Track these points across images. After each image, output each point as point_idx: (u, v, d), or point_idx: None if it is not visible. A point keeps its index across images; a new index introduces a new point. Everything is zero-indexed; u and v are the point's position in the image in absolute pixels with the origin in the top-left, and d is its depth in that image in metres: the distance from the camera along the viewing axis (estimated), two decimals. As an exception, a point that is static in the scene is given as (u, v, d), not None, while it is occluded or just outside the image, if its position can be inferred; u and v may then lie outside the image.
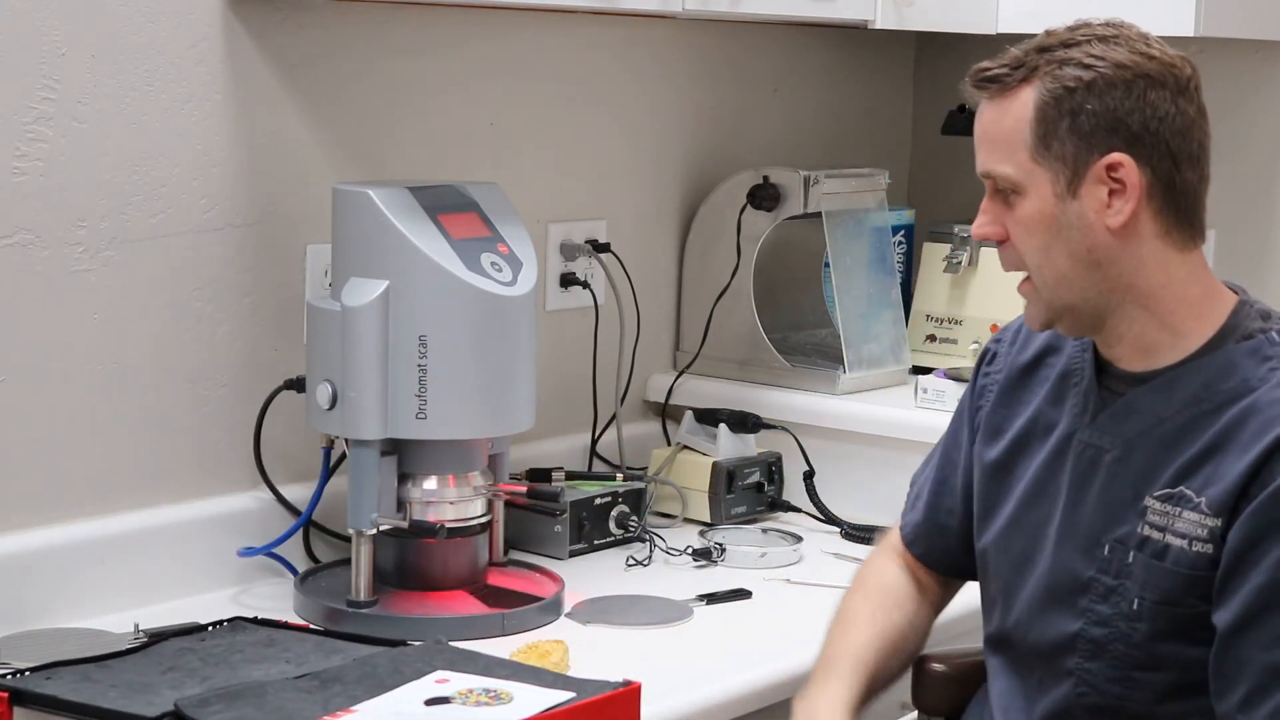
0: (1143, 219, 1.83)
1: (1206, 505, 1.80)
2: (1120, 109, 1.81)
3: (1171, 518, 1.83)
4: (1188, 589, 1.82)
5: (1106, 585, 1.87)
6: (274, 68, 2.39)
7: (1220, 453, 1.81)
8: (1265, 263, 3.16)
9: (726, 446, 2.77)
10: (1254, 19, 2.97)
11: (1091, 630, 1.88)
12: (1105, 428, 1.90)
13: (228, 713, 1.76)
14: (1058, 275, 1.86)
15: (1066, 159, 1.82)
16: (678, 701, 2.01)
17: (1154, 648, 1.85)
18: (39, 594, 2.15)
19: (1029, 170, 1.84)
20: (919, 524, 2.15)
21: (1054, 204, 1.83)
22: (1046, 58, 1.83)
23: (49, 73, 2.15)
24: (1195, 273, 1.87)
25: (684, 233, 3.05)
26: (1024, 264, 1.88)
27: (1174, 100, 1.81)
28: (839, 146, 3.35)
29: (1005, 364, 2.06)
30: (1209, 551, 1.80)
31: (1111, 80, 1.80)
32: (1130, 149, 1.81)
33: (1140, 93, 1.81)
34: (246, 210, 2.38)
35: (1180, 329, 1.86)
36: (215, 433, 2.37)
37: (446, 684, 1.86)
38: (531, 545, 2.56)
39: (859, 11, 2.77)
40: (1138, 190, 1.81)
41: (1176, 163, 1.82)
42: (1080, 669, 1.89)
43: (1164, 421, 1.86)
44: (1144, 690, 1.86)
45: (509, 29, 2.70)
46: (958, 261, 3.06)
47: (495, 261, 2.22)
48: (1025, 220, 1.85)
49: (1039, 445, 1.98)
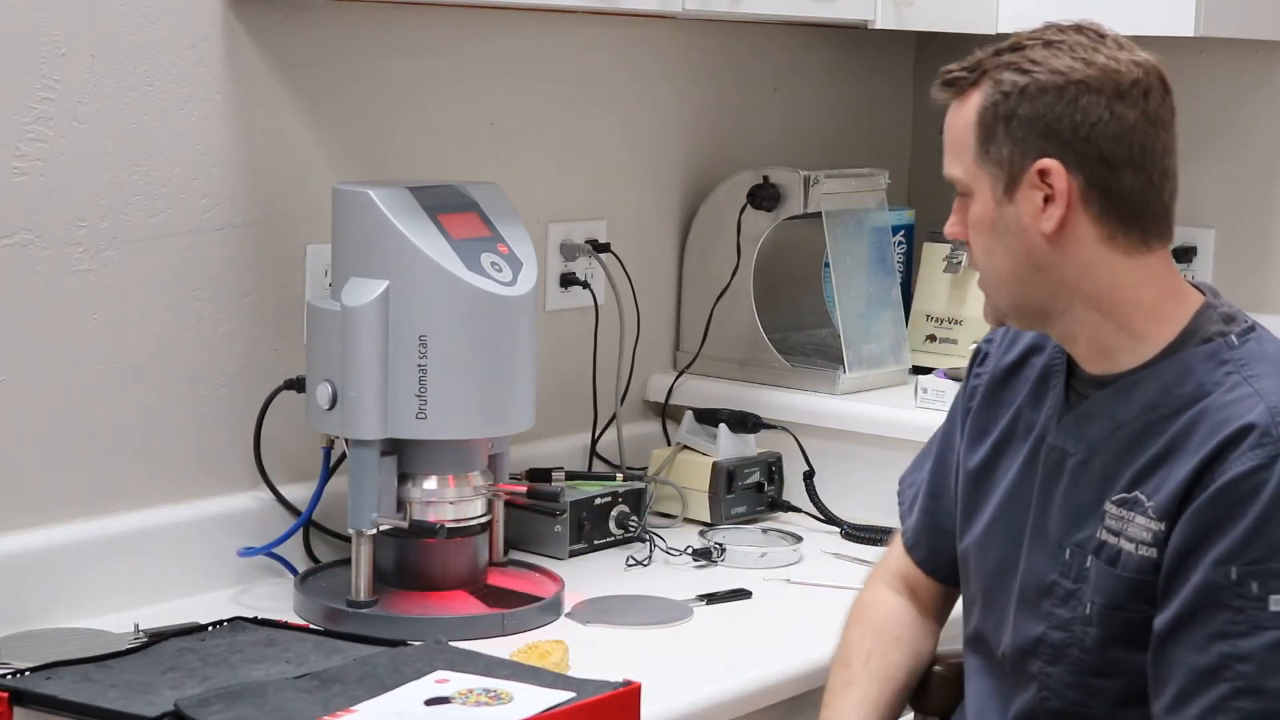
0: (1079, 224, 1.82)
1: (1153, 510, 1.80)
2: (1050, 114, 1.80)
3: (1125, 522, 1.82)
4: (1133, 594, 1.81)
5: (1066, 589, 1.87)
6: (274, 68, 2.39)
7: (1172, 458, 1.80)
8: (1265, 263, 3.16)
9: (726, 446, 2.77)
10: (1254, 19, 2.97)
11: (1052, 634, 1.88)
12: (1069, 431, 1.90)
13: (228, 713, 1.76)
14: (999, 276, 1.87)
15: (1003, 163, 1.83)
16: (678, 701, 2.01)
17: (1106, 653, 1.84)
18: (39, 594, 2.15)
19: (973, 173, 1.86)
20: (918, 528, 2.15)
21: (994, 207, 1.85)
22: (995, 61, 1.84)
23: (49, 73, 2.15)
24: (1150, 276, 1.85)
25: (684, 233, 3.05)
26: (974, 264, 1.91)
27: (1109, 105, 1.80)
28: (839, 146, 3.35)
29: (992, 364, 2.06)
30: (1153, 556, 1.79)
31: (1044, 86, 1.80)
32: (1060, 155, 1.80)
33: (1072, 98, 1.80)
34: (246, 210, 2.38)
35: (1138, 332, 1.85)
36: (215, 433, 2.37)
37: (446, 684, 1.86)
38: (531, 545, 2.56)
39: (859, 11, 2.77)
40: (1067, 196, 1.81)
41: (1112, 168, 1.81)
42: (1043, 673, 1.89)
43: (1123, 426, 1.85)
44: (1100, 697, 1.86)
45: (509, 29, 2.70)
46: (958, 261, 3.06)
47: (495, 261, 2.22)
48: (973, 221, 1.88)
49: (1019, 446, 1.98)
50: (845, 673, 2.08)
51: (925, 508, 2.14)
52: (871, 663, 2.08)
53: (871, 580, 2.19)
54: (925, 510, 2.14)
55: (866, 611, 2.14)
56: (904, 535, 2.17)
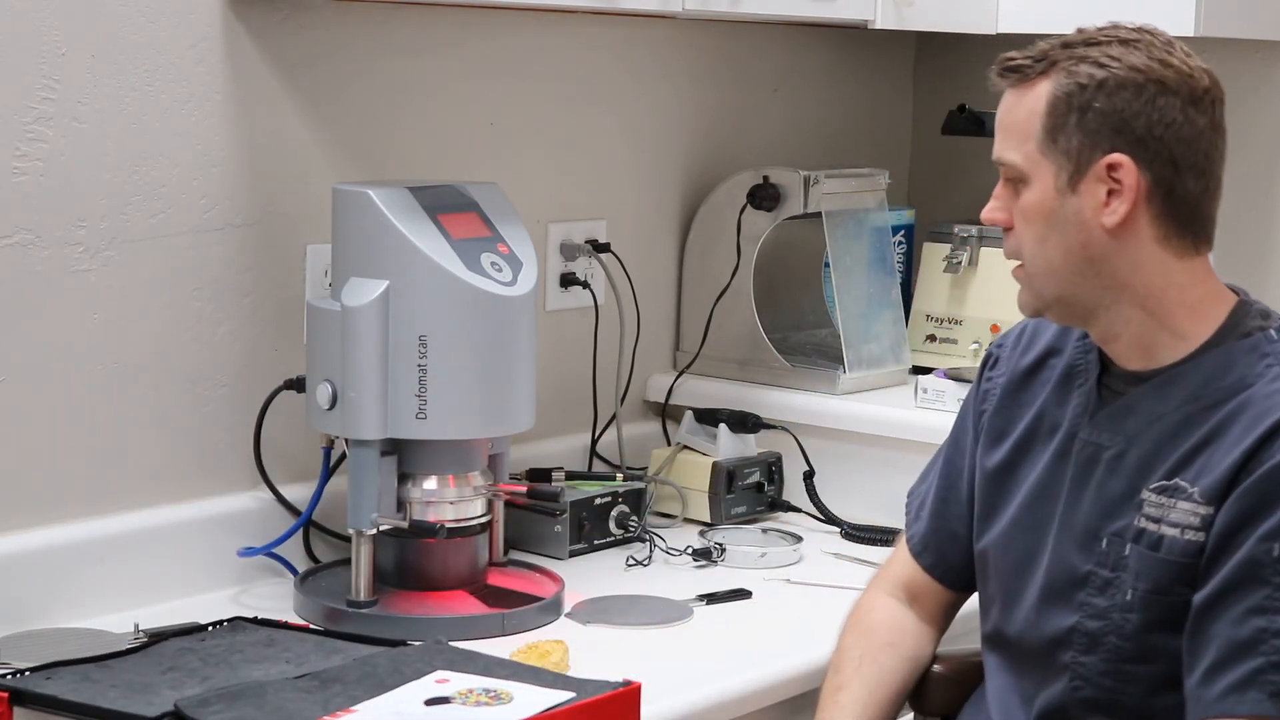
0: (1140, 221, 1.84)
1: (1199, 494, 1.82)
2: (1127, 110, 1.82)
3: (1166, 509, 1.84)
4: (1178, 577, 1.83)
5: (1103, 578, 1.88)
6: (274, 68, 2.39)
7: (1214, 445, 1.82)
8: (1265, 263, 3.16)
9: (726, 446, 2.77)
10: (1254, 19, 2.97)
11: (1087, 623, 1.89)
12: (1104, 426, 1.92)
13: (228, 713, 1.76)
14: (1049, 267, 1.88)
15: (1070, 154, 1.84)
16: (678, 701, 2.01)
17: (1145, 639, 1.86)
18: (39, 594, 2.15)
19: (1035, 161, 1.86)
20: (926, 534, 2.14)
21: (1054, 197, 1.85)
22: (1068, 54, 1.86)
23: (49, 73, 2.15)
24: (1196, 278, 1.88)
25: (684, 233, 3.05)
26: (1019, 252, 1.91)
27: (1184, 109, 1.83)
28: (839, 146, 3.35)
29: (1008, 368, 2.07)
30: (1200, 539, 1.81)
31: (1123, 81, 1.82)
32: (1132, 151, 1.82)
33: (1150, 97, 1.82)
34: (246, 210, 2.38)
35: (1180, 330, 1.88)
36: (215, 433, 2.37)
37: (446, 684, 1.86)
38: (531, 545, 2.56)
39: (859, 11, 2.78)
40: (1134, 192, 1.83)
41: (1179, 170, 1.84)
42: (1075, 663, 1.90)
43: (1162, 418, 1.87)
44: (1136, 683, 1.87)
45: (509, 29, 2.70)
46: (958, 261, 3.06)
47: (495, 261, 2.22)
48: (1026, 209, 1.88)
49: (1043, 446, 1.98)
50: (837, 677, 2.09)
51: (934, 512, 2.14)
52: (863, 667, 2.08)
53: (871, 587, 2.19)
54: (934, 515, 2.14)
55: (862, 617, 2.15)
56: (910, 542, 2.16)
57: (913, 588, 2.15)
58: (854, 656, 2.09)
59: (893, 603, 2.15)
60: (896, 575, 2.17)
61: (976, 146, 3.30)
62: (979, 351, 2.99)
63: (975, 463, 2.08)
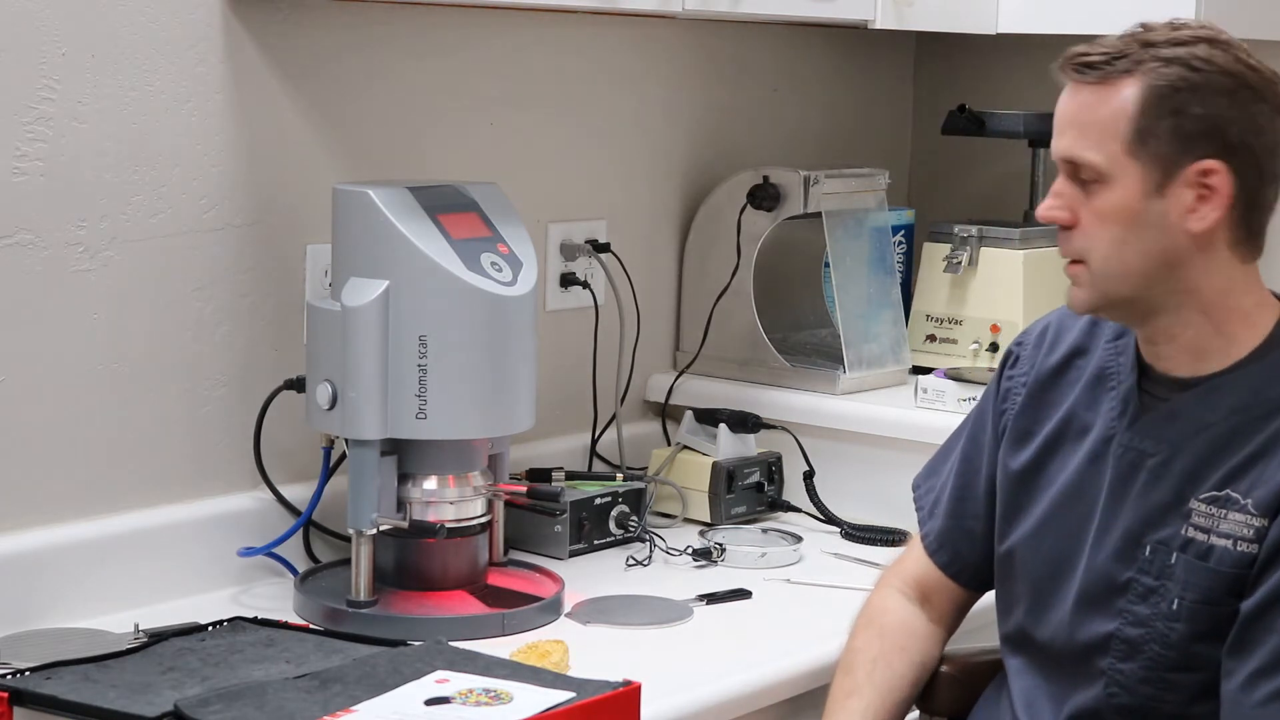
0: (1222, 228, 1.83)
1: (1253, 506, 1.81)
2: (1222, 116, 1.80)
3: (1217, 519, 1.83)
4: (1228, 588, 1.82)
5: (1146, 586, 1.87)
6: (274, 68, 2.39)
7: (1268, 457, 1.81)
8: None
9: (726, 446, 2.77)
10: (1254, 19, 2.97)
11: (1127, 631, 1.88)
12: (1148, 432, 1.90)
13: (228, 713, 1.76)
14: (1124, 269, 1.84)
15: (1161, 158, 1.81)
16: (678, 701, 2.01)
17: (1190, 648, 1.85)
18: (39, 594, 2.15)
19: (1120, 163, 1.82)
20: (942, 531, 2.13)
21: (1140, 200, 1.82)
22: (1152, 53, 1.81)
23: (49, 73, 2.15)
24: (1250, 284, 1.88)
25: (684, 233, 3.05)
26: (1087, 251, 1.86)
27: (1271, 116, 1.82)
28: (839, 146, 3.35)
29: (1031, 367, 2.05)
30: (1254, 551, 1.80)
31: (1218, 86, 1.80)
32: (1225, 157, 1.80)
33: (1243, 103, 1.80)
34: (246, 210, 2.38)
35: (1233, 336, 1.87)
36: (215, 433, 2.37)
37: (446, 684, 1.86)
38: (531, 545, 2.56)
39: (859, 11, 2.78)
40: (1225, 199, 1.81)
41: (1263, 178, 1.83)
42: (1112, 669, 1.89)
43: (1210, 426, 1.86)
44: (1176, 691, 1.86)
45: (509, 29, 2.70)
46: (958, 261, 3.06)
47: (495, 261, 2.22)
48: (1104, 210, 1.84)
49: (1072, 447, 1.97)
50: (848, 680, 2.07)
51: (950, 511, 2.13)
52: (876, 672, 2.07)
53: (882, 585, 2.17)
54: (950, 514, 2.12)
55: (875, 618, 2.13)
56: (925, 540, 2.15)
57: (925, 586, 2.14)
58: (867, 659, 2.08)
59: (905, 603, 2.14)
60: (909, 573, 2.16)
61: (976, 146, 3.31)
62: (979, 351, 2.99)
63: (996, 462, 2.07)
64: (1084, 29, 1.97)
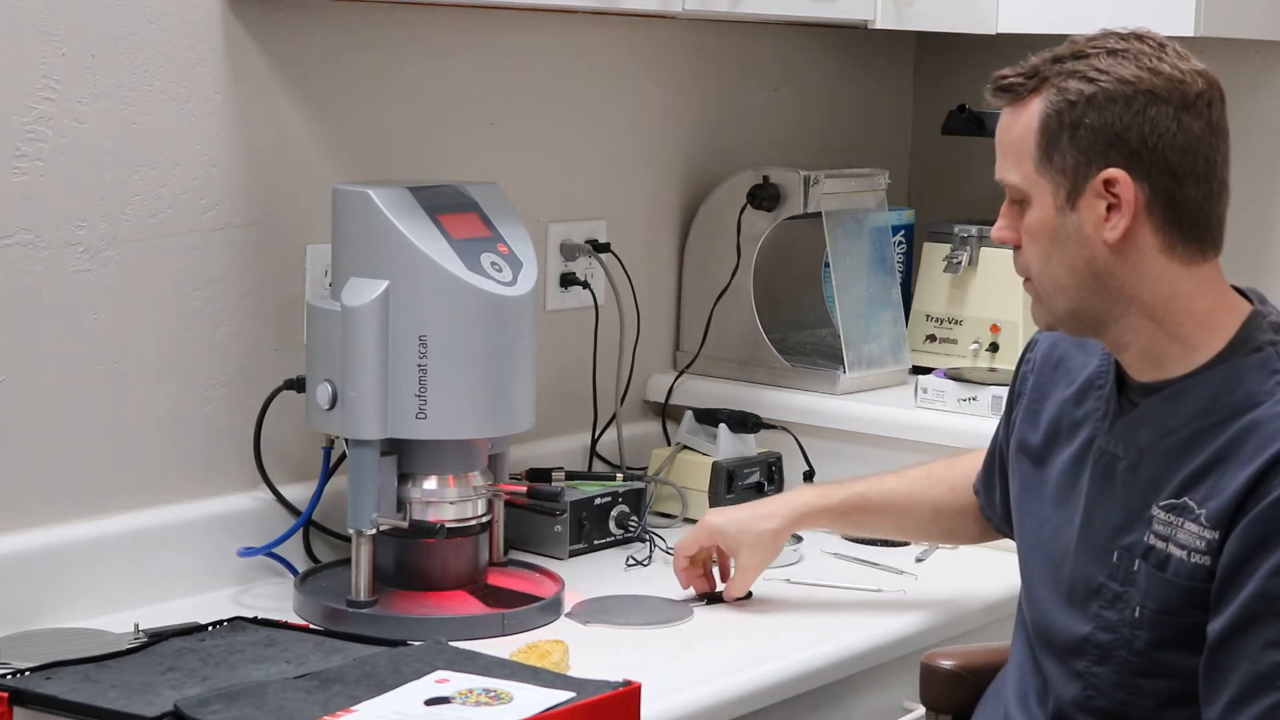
0: (1142, 234, 1.83)
1: (1206, 518, 1.80)
2: (1118, 124, 1.81)
3: (1174, 528, 1.83)
4: (1185, 600, 1.82)
5: (1114, 592, 1.88)
6: (274, 68, 2.39)
7: (1222, 466, 1.81)
8: (1265, 263, 3.17)
9: (726, 446, 2.77)
10: (1254, 19, 2.97)
11: (1099, 635, 1.89)
12: (1120, 435, 1.91)
13: (228, 713, 1.76)
14: (1056, 283, 1.88)
15: (1067, 171, 1.83)
16: (678, 701, 2.01)
17: (1155, 655, 1.85)
18: (39, 594, 2.15)
19: (1033, 180, 1.86)
20: (981, 475, 2.24)
21: (1054, 215, 1.85)
22: (1057, 69, 1.84)
23: (49, 73, 2.15)
24: (1205, 286, 1.87)
25: (684, 233, 3.05)
26: (1028, 269, 1.91)
27: (1176, 116, 1.81)
28: (839, 146, 3.35)
29: (1040, 354, 2.09)
30: (1206, 564, 1.80)
31: (1112, 95, 1.81)
32: (1128, 165, 1.81)
33: (1140, 108, 1.81)
34: (246, 210, 2.38)
35: (1189, 341, 1.86)
36: (215, 433, 2.37)
37: (446, 684, 1.86)
38: (531, 545, 2.56)
39: (859, 11, 2.78)
40: (1133, 206, 1.82)
41: (1178, 179, 1.82)
42: (1089, 672, 1.90)
43: (1173, 432, 1.86)
44: (1147, 697, 1.86)
45: (509, 29, 2.70)
46: (958, 261, 3.06)
47: (495, 261, 2.22)
48: (1030, 228, 1.88)
49: (1065, 444, 1.99)
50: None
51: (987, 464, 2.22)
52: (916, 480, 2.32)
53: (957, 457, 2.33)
54: (986, 467, 2.22)
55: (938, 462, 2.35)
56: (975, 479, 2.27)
57: None
58: (908, 473, 2.34)
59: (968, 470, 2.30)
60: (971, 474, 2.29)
61: (976, 146, 3.30)
62: (979, 351, 2.99)
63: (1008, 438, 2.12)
64: (1083, 29, 1.97)
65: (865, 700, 2.33)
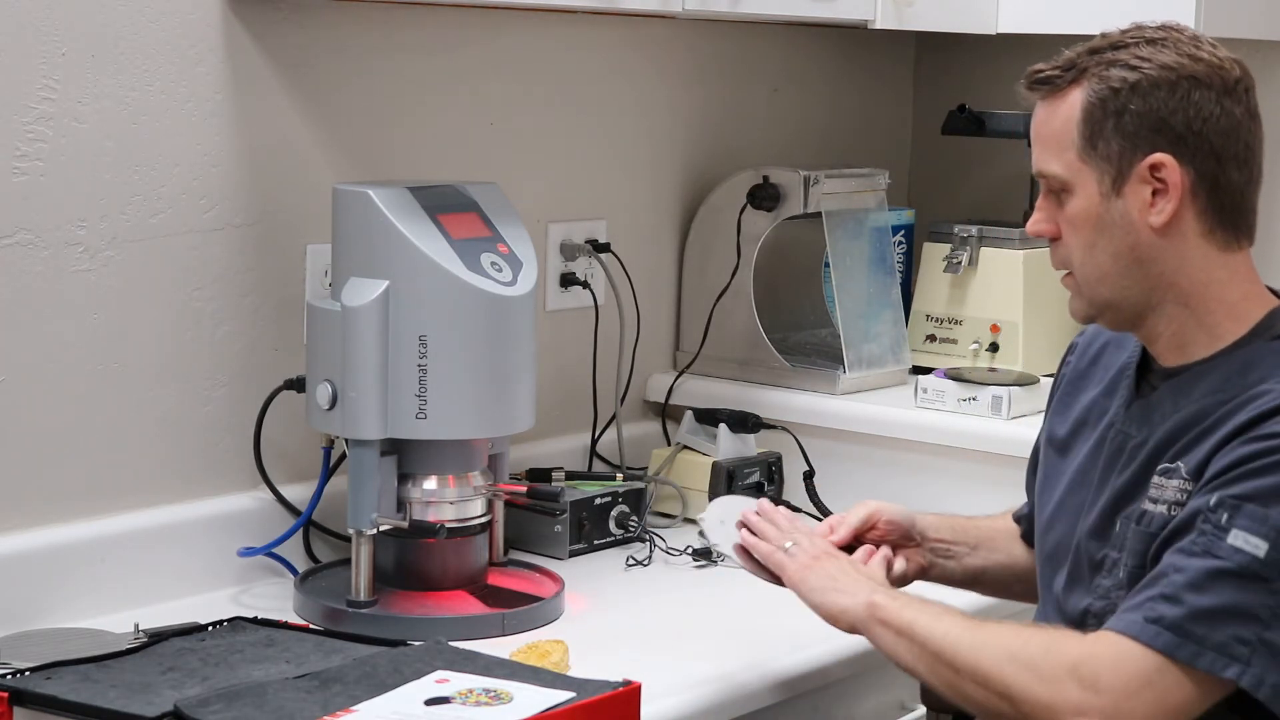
0: (1185, 218, 1.85)
1: (1185, 472, 1.84)
2: (1164, 109, 1.83)
3: (1164, 489, 1.86)
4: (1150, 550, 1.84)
5: (1111, 559, 1.90)
6: (274, 68, 2.39)
7: (1214, 431, 1.83)
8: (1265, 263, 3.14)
9: (726, 446, 2.77)
10: (1254, 19, 2.97)
11: (1095, 604, 1.91)
12: (1134, 417, 1.94)
13: (228, 713, 1.76)
14: (1100, 272, 1.89)
15: (1111, 158, 1.85)
16: (678, 701, 2.01)
17: None
18: (39, 594, 2.15)
19: (1076, 169, 1.87)
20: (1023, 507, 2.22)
21: (1099, 202, 1.86)
22: (1095, 59, 1.86)
23: (49, 73, 2.15)
24: (1238, 276, 1.89)
25: (684, 233, 3.05)
26: (1069, 261, 1.91)
27: (1219, 101, 1.84)
28: (839, 146, 3.36)
29: (1077, 357, 2.10)
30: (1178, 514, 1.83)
31: (1156, 81, 1.83)
32: (1173, 149, 1.83)
33: (1184, 93, 1.83)
34: (246, 210, 2.38)
35: (1216, 329, 1.89)
36: (215, 433, 2.38)
37: (446, 684, 1.86)
38: (531, 545, 2.56)
39: (859, 11, 2.78)
40: (1180, 190, 1.84)
41: (1221, 163, 1.85)
42: None
43: (1182, 409, 1.88)
44: None
45: (509, 29, 2.70)
46: (958, 261, 3.06)
47: (495, 261, 2.22)
48: (1073, 217, 1.89)
49: (1089, 433, 2.01)
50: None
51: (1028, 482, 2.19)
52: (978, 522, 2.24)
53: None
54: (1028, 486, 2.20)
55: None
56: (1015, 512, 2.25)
57: None
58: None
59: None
60: None
61: (976, 146, 3.31)
62: (979, 351, 2.99)
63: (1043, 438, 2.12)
64: (1084, 29, 1.97)
65: (865, 700, 2.33)
